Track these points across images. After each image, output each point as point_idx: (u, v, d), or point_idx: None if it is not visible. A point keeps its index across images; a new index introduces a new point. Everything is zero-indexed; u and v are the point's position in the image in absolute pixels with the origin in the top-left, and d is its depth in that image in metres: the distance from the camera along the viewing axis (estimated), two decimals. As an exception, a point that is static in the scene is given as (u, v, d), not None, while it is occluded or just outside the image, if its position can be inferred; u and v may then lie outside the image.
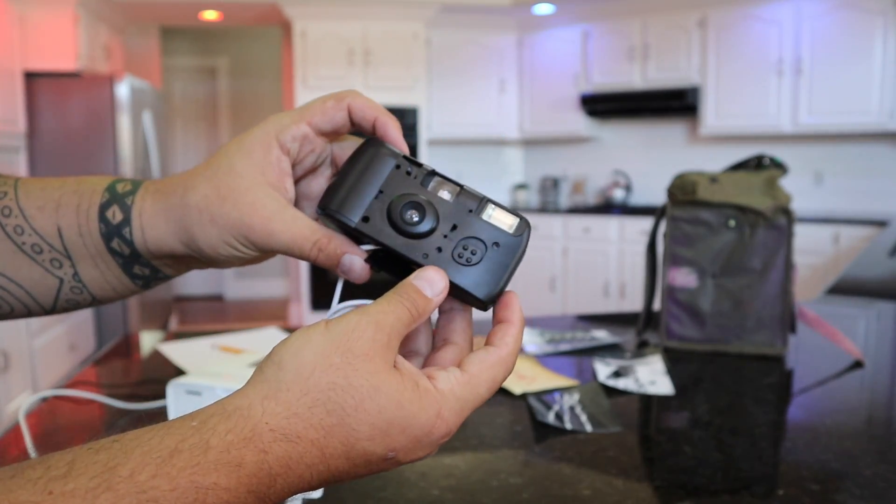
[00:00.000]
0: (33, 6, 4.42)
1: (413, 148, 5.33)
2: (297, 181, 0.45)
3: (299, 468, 0.33)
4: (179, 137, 6.77)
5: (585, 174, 5.79)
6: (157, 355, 1.20)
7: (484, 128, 5.72)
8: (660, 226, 1.26)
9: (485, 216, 0.41)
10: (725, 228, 1.17)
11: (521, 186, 5.92)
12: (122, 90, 4.47)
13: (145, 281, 0.49)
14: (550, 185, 5.76)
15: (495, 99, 5.69)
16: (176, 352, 1.19)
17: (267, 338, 1.27)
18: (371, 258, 0.41)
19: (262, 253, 0.44)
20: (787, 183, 3.81)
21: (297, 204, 0.46)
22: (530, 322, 1.40)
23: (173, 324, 5.71)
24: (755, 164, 1.22)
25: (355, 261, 0.41)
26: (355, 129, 0.45)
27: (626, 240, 4.93)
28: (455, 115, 5.63)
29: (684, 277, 1.19)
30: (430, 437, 0.36)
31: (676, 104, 4.97)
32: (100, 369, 1.16)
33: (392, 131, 0.43)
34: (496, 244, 0.40)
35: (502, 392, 0.98)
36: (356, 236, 0.42)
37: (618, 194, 5.41)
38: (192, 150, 6.79)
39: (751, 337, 1.16)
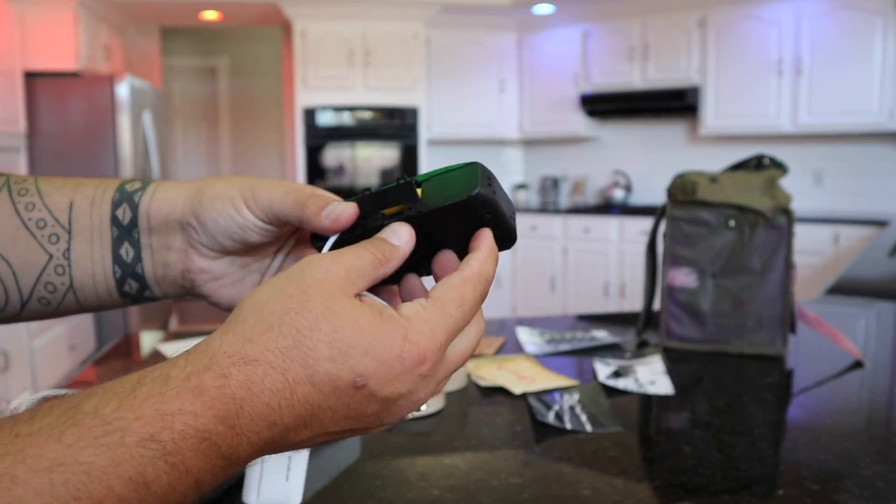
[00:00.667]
0: (33, 6, 4.42)
1: (413, 148, 5.34)
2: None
3: (263, 393, 0.32)
4: (179, 137, 6.77)
5: (585, 174, 5.79)
6: (157, 355, 1.20)
7: (484, 128, 5.72)
8: (660, 226, 1.26)
9: None
10: (725, 228, 1.17)
11: (521, 186, 5.92)
12: (123, 90, 4.47)
13: (123, 270, 0.49)
14: (550, 185, 5.76)
15: (495, 99, 5.69)
16: (176, 352, 1.19)
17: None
18: (360, 201, 0.42)
19: (259, 220, 0.45)
20: (786, 183, 3.80)
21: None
22: (530, 322, 1.40)
23: (173, 324, 5.71)
24: (755, 164, 1.22)
25: (345, 205, 0.42)
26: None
27: (626, 240, 4.93)
28: (455, 116, 5.63)
29: (684, 277, 1.19)
30: (401, 362, 0.35)
31: (676, 104, 4.97)
32: (100, 369, 1.16)
33: None
34: (455, 169, 0.41)
35: (502, 392, 0.98)
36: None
37: (618, 194, 5.41)
38: (192, 150, 6.79)
39: (751, 337, 1.16)
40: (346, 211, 0.41)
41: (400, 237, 0.39)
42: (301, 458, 0.46)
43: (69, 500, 0.27)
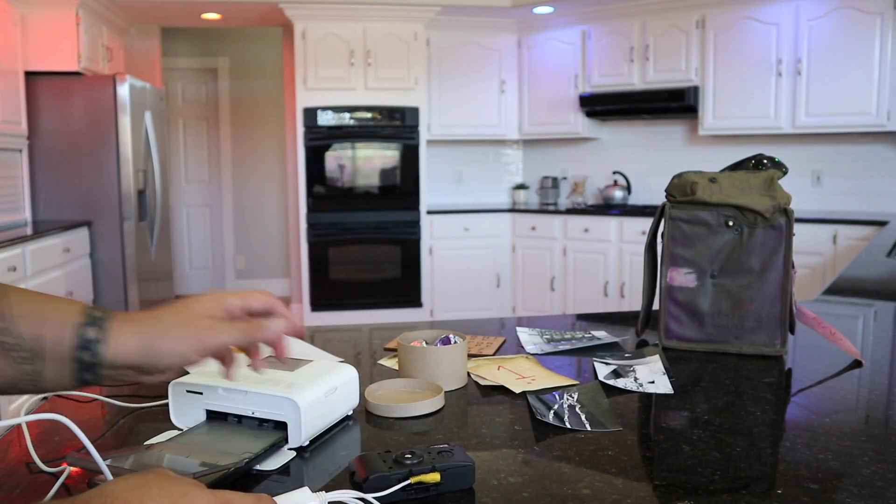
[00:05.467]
0: (35, 7, 4.42)
1: (413, 148, 5.35)
2: None
3: None
4: (180, 138, 6.78)
5: (585, 174, 5.80)
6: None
7: (484, 128, 5.73)
8: (659, 226, 1.26)
9: None
10: (724, 228, 1.18)
11: (521, 186, 5.92)
12: (123, 91, 4.47)
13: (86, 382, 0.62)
14: (550, 185, 5.76)
15: (495, 99, 5.70)
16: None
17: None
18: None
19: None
20: (785, 183, 3.81)
21: None
22: (530, 322, 1.41)
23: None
24: (754, 164, 1.22)
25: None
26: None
27: (626, 240, 4.94)
28: (455, 116, 5.64)
29: (683, 277, 1.20)
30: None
31: (675, 104, 4.97)
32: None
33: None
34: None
35: (502, 391, 0.98)
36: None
37: (617, 194, 5.41)
38: (192, 150, 6.79)
39: (750, 337, 1.16)
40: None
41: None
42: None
43: None
